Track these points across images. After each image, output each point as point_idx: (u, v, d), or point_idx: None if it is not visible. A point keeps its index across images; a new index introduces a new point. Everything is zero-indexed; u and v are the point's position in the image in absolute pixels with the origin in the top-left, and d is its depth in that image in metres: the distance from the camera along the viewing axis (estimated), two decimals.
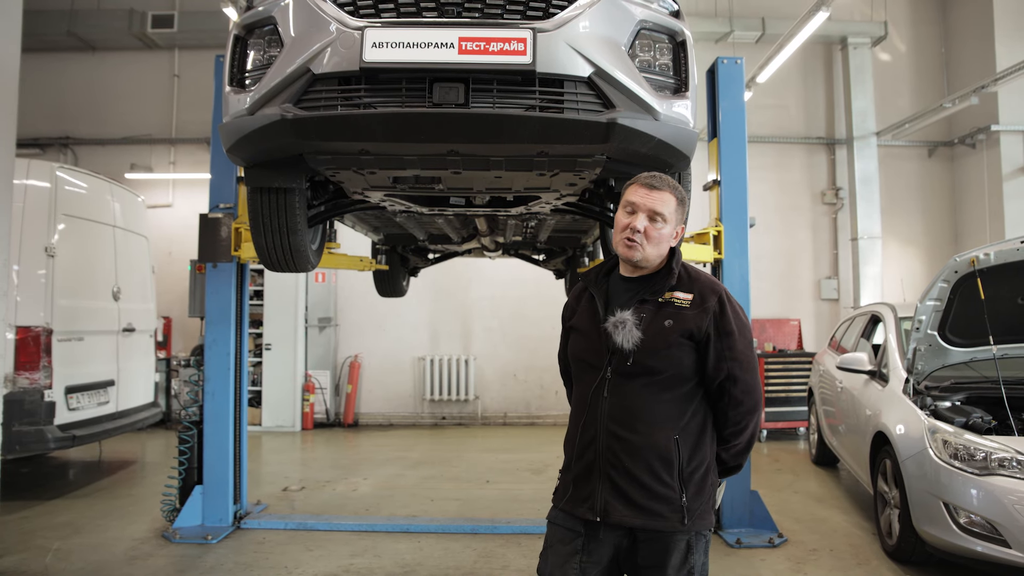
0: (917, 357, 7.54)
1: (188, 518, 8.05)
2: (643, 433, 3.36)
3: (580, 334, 3.65)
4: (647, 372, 3.38)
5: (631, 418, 3.38)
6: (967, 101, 13.77)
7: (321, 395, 15.84)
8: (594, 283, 3.68)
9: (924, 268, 16.53)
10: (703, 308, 3.42)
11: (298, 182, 5.39)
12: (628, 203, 3.52)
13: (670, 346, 3.38)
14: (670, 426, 3.38)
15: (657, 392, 3.39)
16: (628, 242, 3.47)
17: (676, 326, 3.39)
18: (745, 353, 3.48)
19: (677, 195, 3.53)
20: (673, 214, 3.51)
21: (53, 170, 9.78)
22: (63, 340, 9.36)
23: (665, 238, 3.51)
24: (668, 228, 3.50)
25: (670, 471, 3.34)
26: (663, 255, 3.56)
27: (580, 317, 3.68)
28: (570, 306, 3.84)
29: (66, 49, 16.75)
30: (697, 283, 3.53)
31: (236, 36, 4.78)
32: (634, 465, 3.34)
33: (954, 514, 6.14)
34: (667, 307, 3.44)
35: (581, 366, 3.62)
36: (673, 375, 3.40)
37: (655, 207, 3.46)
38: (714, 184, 8.33)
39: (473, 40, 4.15)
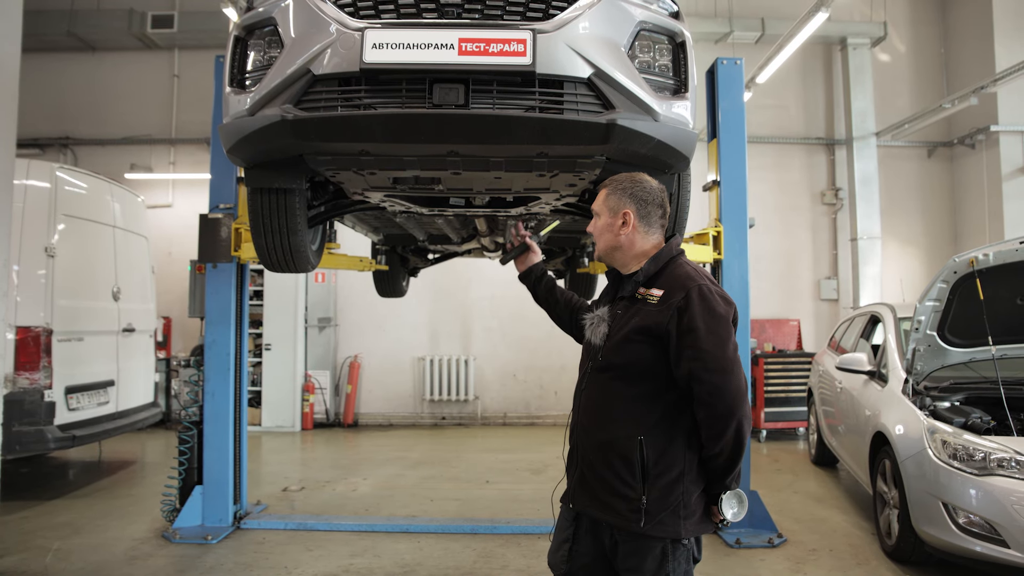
0: (916, 357, 7.55)
1: (188, 518, 8.07)
2: (605, 429, 3.44)
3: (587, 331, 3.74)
4: (608, 368, 3.48)
5: (595, 413, 3.51)
6: (966, 101, 13.77)
7: (321, 395, 15.85)
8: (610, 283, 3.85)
9: (923, 268, 16.53)
10: (667, 304, 3.38)
11: (298, 183, 5.39)
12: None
13: (628, 341, 3.42)
14: (632, 424, 3.37)
15: (622, 389, 3.43)
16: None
17: (637, 322, 3.42)
18: (712, 352, 3.28)
19: (610, 186, 3.70)
20: (602, 206, 3.67)
21: (53, 170, 9.79)
22: (63, 340, 9.36)
23: (601, 230, 3.69)
24: (601, 219, 3.69)
25: (630, 469, 3.33)
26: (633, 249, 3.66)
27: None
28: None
29: (66, 49, 16.75)
30: (670, 278, 3.51)
31: (236, 37, 4.78)
32: (596, 459, 3.44)
33: (953, 514, 6.15)
34: (638, 303, 3.49)
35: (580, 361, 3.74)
36: (635, 372, 3.41)
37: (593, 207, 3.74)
38: (714, 184, 8.34)
39: (473, 41, 4.15)
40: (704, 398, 3.27)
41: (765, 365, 13.98)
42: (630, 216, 3.63)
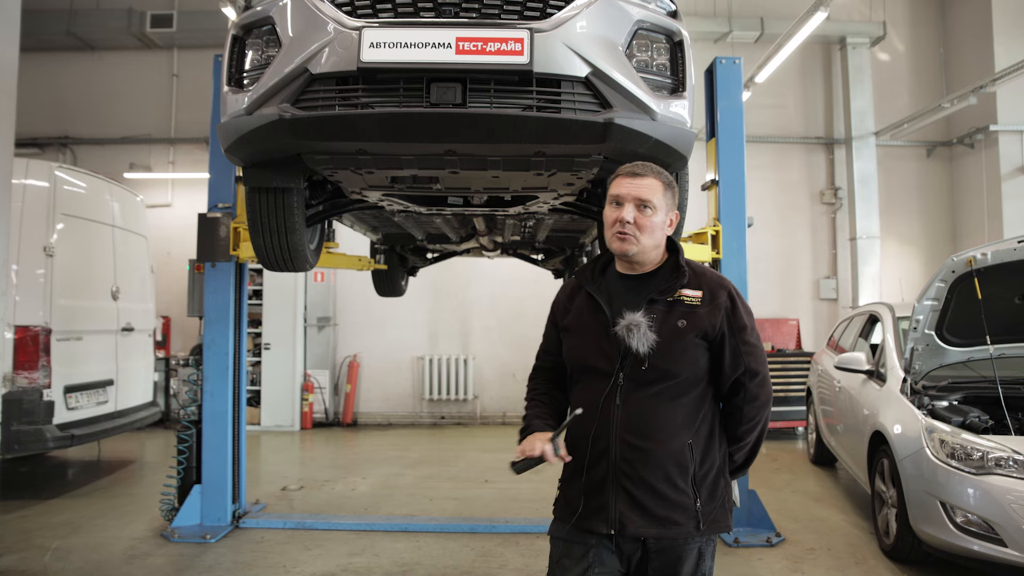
0: (915, 357, 7.55)
1: (187, 517, 8.06)
2: (660, 441, 3.21)
3: (581, 336, 3.43)
4: (663, 377, 3.23)
5: (648, 426, 3.22)
6: (965, 101, 13.77)
7: (320, 395, 15.85)
8: (591, 281, 3.49)
9: (922, 268, 16.54)
10: (714, 305, 3.30)
11: (296, 182, 5.40)
12: (614, 197, 3.36)
13: (686, 348, 3.24)
14: (685, 432, 3.24)
15: (673, 397, 3.25)
16: (620, 236, 3.31)
17: (690, 326, 3.25)
18: (759, 346, 3.39)
19: (663, 179, 3.38)
20: (662, 200, 3.34)
21: (52, 170, 9.79)
22: (62, 340, 9.37)
23: (657, 226, 3.34)
24: (659, 216, 3.34)
25: (685, 477, 3.21)
26: (660, 247, 3.42)
27: (578, 318, 3.46)
28: (561, 305, 3.61)
29: (65, 49, 16.77)
30: (703, 279, 3.39)
31: (234, 36, 4.79)
32: (651, 475, 3.20)
33: (951, 513, 6.15)
34: (678, 306, 3.29)
35: (585, 371, 3.40)
36: (688, 378, 3.26)
37: (641, 195, 3.30)
38: (712, 184, 8.34)
39: (470, 40, 4.16)
40: (754, 390, 3.33)
41: None
42: (676, 217, 3.50)
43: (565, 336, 3.53)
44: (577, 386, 3.48)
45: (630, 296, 3.36)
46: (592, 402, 3.29)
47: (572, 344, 3.48)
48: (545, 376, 3.70)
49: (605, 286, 3.47)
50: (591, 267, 3.59)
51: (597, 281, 3.49)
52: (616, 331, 3.23)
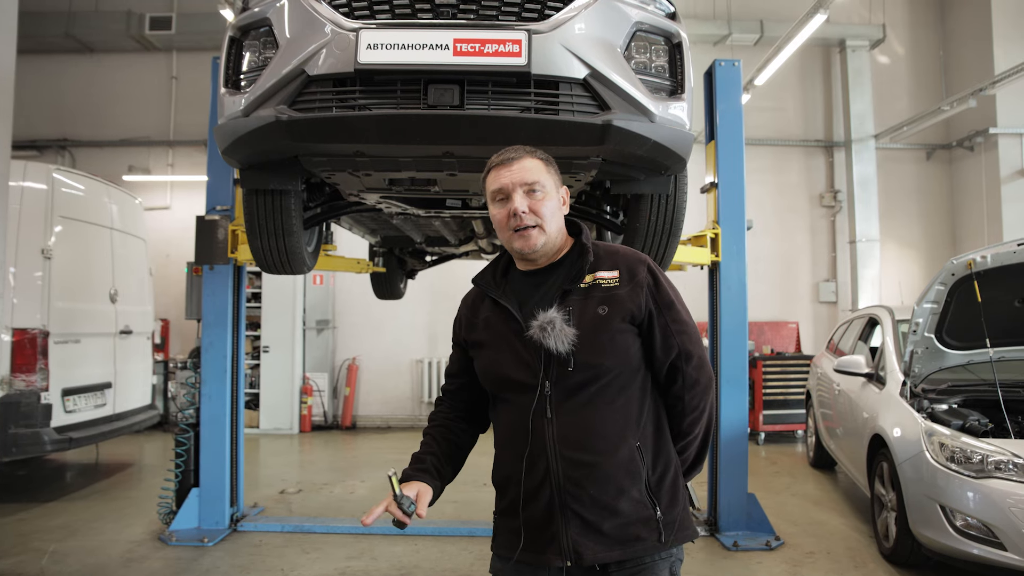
0: (914, 360, 7.53)
1: (184, 521, 8.05)
2: (605, 451, 2.81)
3: (494, 350, 3.01)
4: (594, 376, 2.83)
5: (588, 437, 2.82)
6: (965, 104, 13.77)
7: (319, 397, 15.84)
8: (494, 286, 3.11)
9: (922, 271, 16.53)
10: (635, 283, 2.91)
11: (293, 184, 5.39)
12: (495, 193, 2.98)
13: (613, 336, 2.85)
14: (630, 434, 2.85)
15: (609, 397, 2.85)
16: (521, 231, 2.92)
17: (613, 311, 2.86)
18: (691, 323, 3.02)
19: (539, 156, 3.02)
20: (548, 179, 2.99)
21: (50, 172, 9.79)
22: (60, 342, 9.35)
23: (554, 209, 2.98)
24: (552, 198, 2.98)
25: (639, 485, 2.82)
26: (562, 231, 3.06)
27: (488, 330, 3.06)
28: (465, 319, 3.22)
29: (64, 51, 16.77)
30: (618, 256, 3.01)
31: (231, 38, 4.79)
32: (601, 491, 2.79)
33: (950, 517, 6.13)
34: (594, 292, 2.90)
35: (506, 387, 2.98)
36: (622, 372, 2.87)
37: (525, 178, 2.94)
38: (711, 186, 8.33)
39: (468, 42, 4.15)
40: (692, 374, 2.96)
41: (763, 368, 13.96)
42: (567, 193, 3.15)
43: (477, 353, 3.11)
44: (500, 407, 3.07)
45: (539, 293, 2.99)
46: (520, 421, 2.89)
47: (486, 361, 3.06)
48: (448, 403, 3.31)
49: (511, 288, 3.09)
50: (491, 271, 3.21)
51: (501, 285, 3.11)
52: (530, 335, 2.84)
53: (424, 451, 3.12)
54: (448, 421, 3.24)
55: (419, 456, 3.10)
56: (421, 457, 3.09)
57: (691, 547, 7.67)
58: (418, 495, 2.87)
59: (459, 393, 3.28)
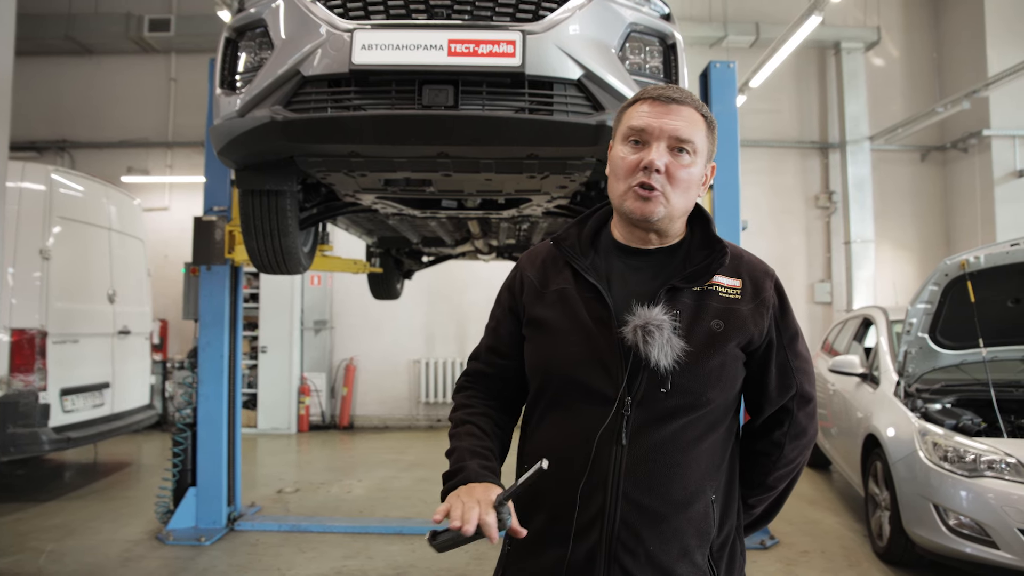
0: (908, 360, 7.56)
1: (182, 520, 8.07)
2: (680, 501, 2.19)
3: (561, 336, 2.29)
4: (690, 405, 2.21)
5: (665, 479, 2.19)
6: (959, 106, 13.79)
7: (316, 398, 15.85)
8: (580, 254, 2.37)
9: (916, 271, 16.54)
10: (760, 301, 2.32)
11: (289, 184, 5.42)
12: (635, 130, 2.27)
13: (724, 363, 2.24)
14: (709, 485, 2.25)
15: (699, 435, 2.24)
16: (644, 191, 2.23)
17: (729, 330, 2.25)
18: (811, 361, 2.46)
19: (704, 113, 2.32)
20: (704, 143, 2.31)
21: (48, 173, 9.80)
22: (58, 342, 9.37)
23: (695, 182, 2.30)
24: (699, 166, 2.30)
25: (704, 549, 2.24)
26: (686, 215, 2.38)
27: (559, 308, 2.33)
28: (529, 284, 2.44)
29: (63, 53, 16.76)
30: (742, 262, 2.39)
31: (227, 39, 4.82)
32: (664, 550, 2.18)
33: (943, 516, 6.16)
34: (710, 301, 2.27)
35: (569, 391, 2.29)
36: (720, 406, 2.27)
37: (679, 132, 2.23)
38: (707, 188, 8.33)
39: (462, 42, 4.18)
40: (802, 421, 2.42)
41: None
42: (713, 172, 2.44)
43: (534, 332, 2.39)
44: (551, 413, 2.35)
45: (639, 280, 2.32)
46: (579, 439, 2.23)
47: (547, 349, 2.34)
48: (485, 387, 2.54)
49: (602, 262, 2.38)
50: (576, 232, 2.46)
51: (588, 254, 2.39)
52: (624, 333, 2.18)
53: (481, 445, 2.37)
54: (490, 410, 2.49)
55: (480, 451, 2.34)
56: (484, 452, 2.35)
57: None
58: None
59: (496, 379, 2.53)
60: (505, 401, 2.53)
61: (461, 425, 2.43)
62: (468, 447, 2.33)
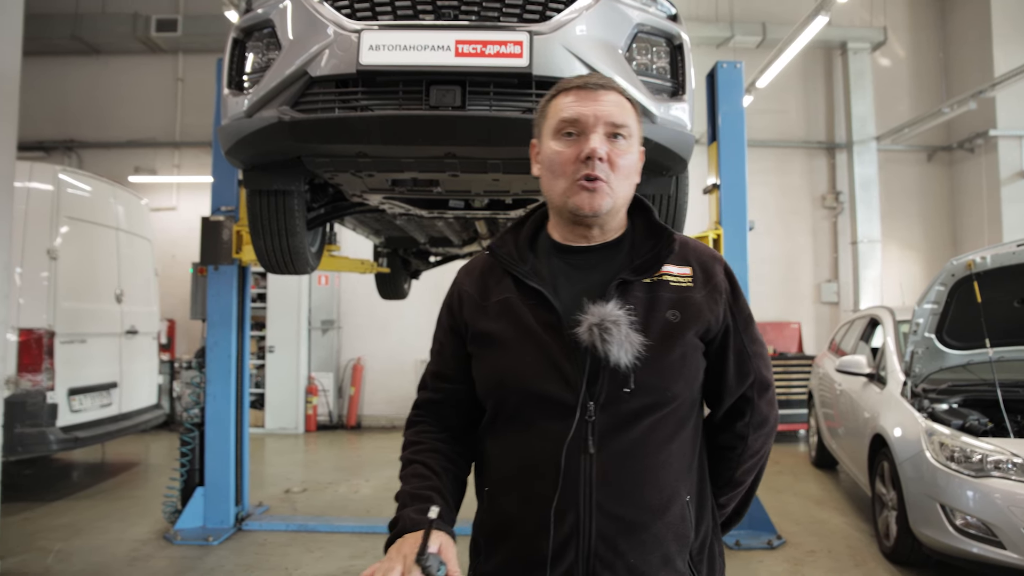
0: (915, 360, 7.56)
1: (189, 519, 8.09)
2: (656, 506, 2.09)
3: (511, 350, 2.17)
4: (656, 403, 2.10)
5: (639, 485, 2.08)
6: (965, 106, 13.81)
7: (324, 397, 15.87)
8: (519, 260, 2.25)
9: (923, 271, 16.53)
10: (712, 287, 2.22)
11: (296, 185, 5.42)
12: (565, 122, 2.17)
13: (685, 354, 2.14)
14: (683, 485, 2.16)
15: (668, 434, 2.14)
16: (589, 183, 2.13)
17: (686, 319, 2.14)
18: (765, 346, 2.37)
19: (629, 97, 2.25)
20: (636, 127, 2.24)
21: (55, 173, 9.83)
22: (66, 342, 9.39)
23: (634, 168, 2.24)
24: (635, 151, 2.24)
25: (684, 553, 2.14)
26: (627, 204, 2.30)
27: (503, 319, 2.20)
28: (467, 299, 2.31)
29: (71, 53, 16.82)
30: (688, 249, 2.30)
31: (234, 39, 4.82)
32: (644, 560, 2.07)
33: (950, 516, 6.16)
34: (662, 291, 2.17)
35: (527, 404, 2.14)
36: (685, 400, 2.17)
37: (614, 116, 2.16)
38: (714, 188, 8.35)
39: (470, 43, 4.17)
40: (763, 409, 2.32)
41: None
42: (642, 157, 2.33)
43: (482, 351, 2.26)
44: (509, 433, 2.22)
45: (585, 279, 2.22)
46: (543, 454, 2.09)
47: (500, 364, 2.20)
48: (436, 418, 2.41)
49: (543, 266, 2.26)
50: (512, 238, 2.34)
51: (528, 259, 2.27)
52: (579, 334, 2.05)
53: (424, 487, 2.23)
54: (440, 444, 2.35)
55: (420, 494, 2.20)
56: (425, 495, 2.20)
57: None
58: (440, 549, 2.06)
59: (446, 406, 2.39)
60: (458, 430, 2.39)
61: (408, 466, 2.31)
62: (409, 491, 2.21)
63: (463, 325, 2.28)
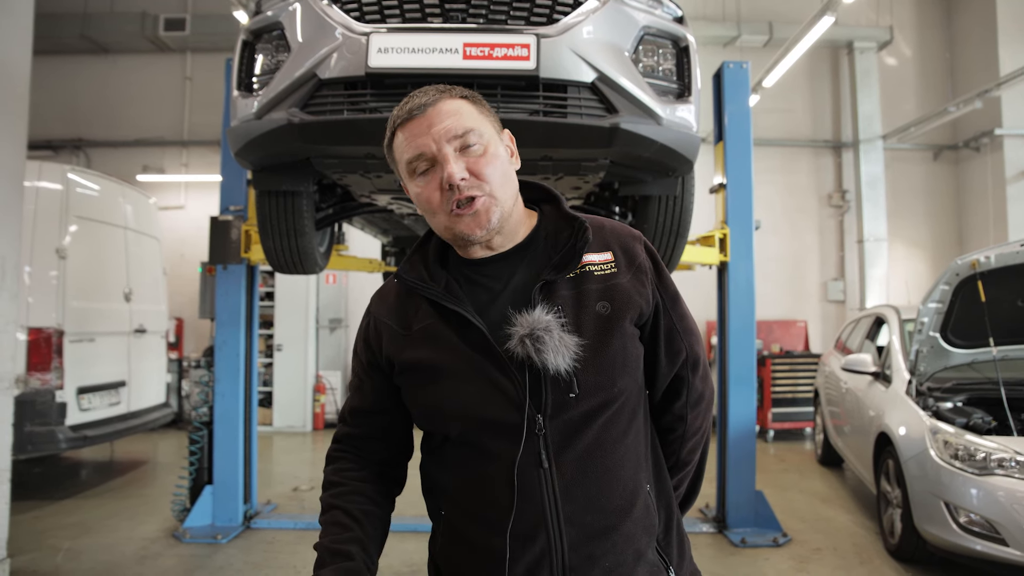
0: (919, 358, 7.58)
1: (198, 518, 8.12)
2: (622, 505, 2.03)
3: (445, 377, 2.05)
4: (604, 402, 2.02)
5: (603, 489, 2.00)
6: (971, 105, 13.79)
7: (332, 396, 15.87)
8: (430, 283, 2.13)
9: (929, 270, 16.54)
10: (637, 268, 2.12)
11: (305, 185, 5.47)
12: (411, 162, 2.05)
13: (625, 345, 2.05)
14: (643, 477, 2.10)
15: (621, 430, 2.07)
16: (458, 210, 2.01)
17: (618, 309, 2.05)
18: (694, 321, 2.28)
19: (461, 94, 2.10)
20: (484, 123, 2.08)
21: (64, 172, 9.86)
22: (74, 341, 9.43)
23: (504, 162, 2.08)
24: (494, 145, 2.08)
25: (652, 543, 2.09)
26: (518, 198, 2.16)
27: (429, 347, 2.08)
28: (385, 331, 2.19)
29: (79, 52, 16.86)
30: (605, 232, 2.18)
31: (244, 41, 4.86)
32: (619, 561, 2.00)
33: (954, 514, 6.18)
34: (587, 283, 2.06)
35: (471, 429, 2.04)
36: (631, 392, 2.10)
37: (450, 127, 2.01)
38: (720, 187, 8.37)
39: (477, 46, 4.22)
40: (697, 386, 2.26)
41: (772, 366, 13.97)
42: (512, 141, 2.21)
43: (412, 382, 2.14)
44: (457, 459, 2.12)
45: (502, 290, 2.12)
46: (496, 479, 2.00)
47: (433, 395, 2.09)
48: (357, 454, 2.32)
49: (458, 284, 2.14)
50: (419, 260, 2.23)
51: (440, 280, 2.14)
52: (511, 349, 1.96)
53: (344, 539, 2.12)
54: (362, 485, 2.26)
55: (340, 549, 2.09)
56: (344, 550, 2.09)
57: (699, 543, 7.74)
58: None
59: (370, 440, 2.30)
60: (382, 465, 2.31)
61: (327, 511, 2.20)
62: (327, 545, 2.10)
63: (384, 359, 2.18)
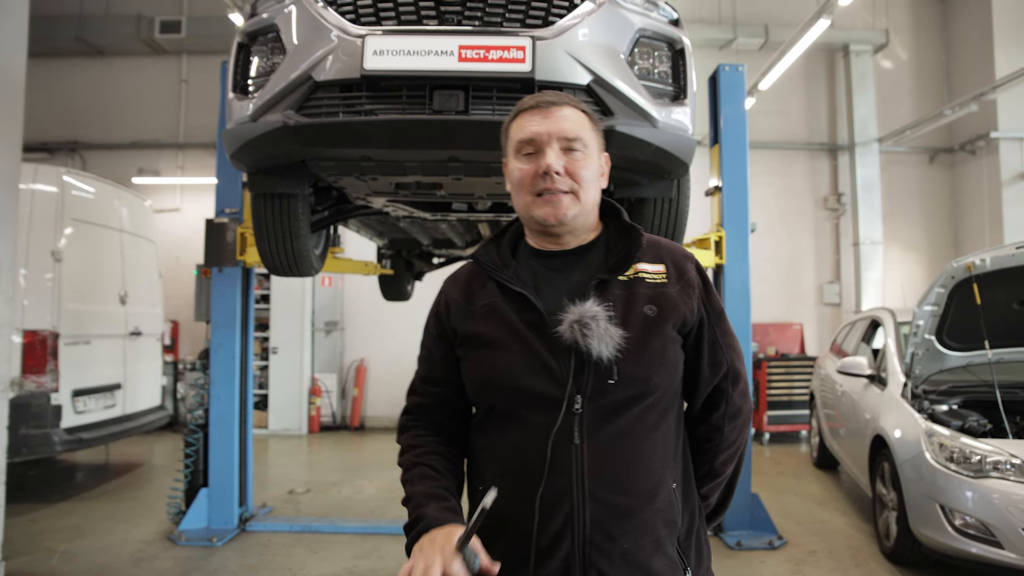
0: (915, 361, 7.59)
1: (193, 520, 8.11)
2: (645, 494, 2.18)
3: (498, 349, 2.27)
4: (639, 394, 2.20)
5: (629, 472, 2.18)
6: (967, 108, 13.82)
7: (327, 398, 15.89)
8: (501, 266, 2.38)
9: (925, 273, 16.54)
10: (685, 282, 2.34)
11: (301, 188, 5.46)
12: (522, 143, 2.33)
13: (665, 346, 2.24)
14: (669, 473, 2.25)
15: (652, 424, 2.23)
16: (548, 196, 2.27)
17: (664, 313, 2.26)
18: (737, 339, 2.48)
19: (583, 108, 2.38)
20: (592, 137, 2.36)
21: (60, 175, 9.86)
22: (70, 344, 9.42)
23: (594, 176, 2.35)
24: (593, 160, 2.35)
25: (673, 539, 2.23)
26: (596, 209, 2.43)
27: (490, 322, 2.31)
28: (455, 306, 2.44)
29: (75, 54, 16.84)
30: (661, 248, 2.42)
31: (239, 43, 4.85)
32: (637, 546, 2.15)
33: (949, 516, 6.19)
34: (639, 288, 2.29)
35: (516, 403, 2.24)
36: (667, 391, 2.27)
37: (565, 130, 2.29)
38: (716, 190, 8.37)
39: (473, 48, 4.21)
40: (736, 400, 2.42)
41: (768, 369, 14.00)
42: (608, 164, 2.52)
43: (471, 353, 2.36)
44: (498, 428, 2.31)
45: (564, 281, 2.34)
46: (532, 448, 2.18)
47: (487, 364, 2.31)
48: (428, 421, 2.50)
49: (525, 271, 2.39)
50: (494, 247, 2.47)
51: (510, 265, 2.39)
52: (561, 332, 2.16)
53: (437, 487, 2.31)
54: (438, 446, 2.44)
55: (436, 493, 2.28)
56: (441, 494, 2.28)
57: None
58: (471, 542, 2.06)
59: (438, 409, 2.49)
60: (451, 432, 2.48)
61: (412, 468, 2.37)
62: (424, 491, 2.28)
63: (451, 330, 2.42)
